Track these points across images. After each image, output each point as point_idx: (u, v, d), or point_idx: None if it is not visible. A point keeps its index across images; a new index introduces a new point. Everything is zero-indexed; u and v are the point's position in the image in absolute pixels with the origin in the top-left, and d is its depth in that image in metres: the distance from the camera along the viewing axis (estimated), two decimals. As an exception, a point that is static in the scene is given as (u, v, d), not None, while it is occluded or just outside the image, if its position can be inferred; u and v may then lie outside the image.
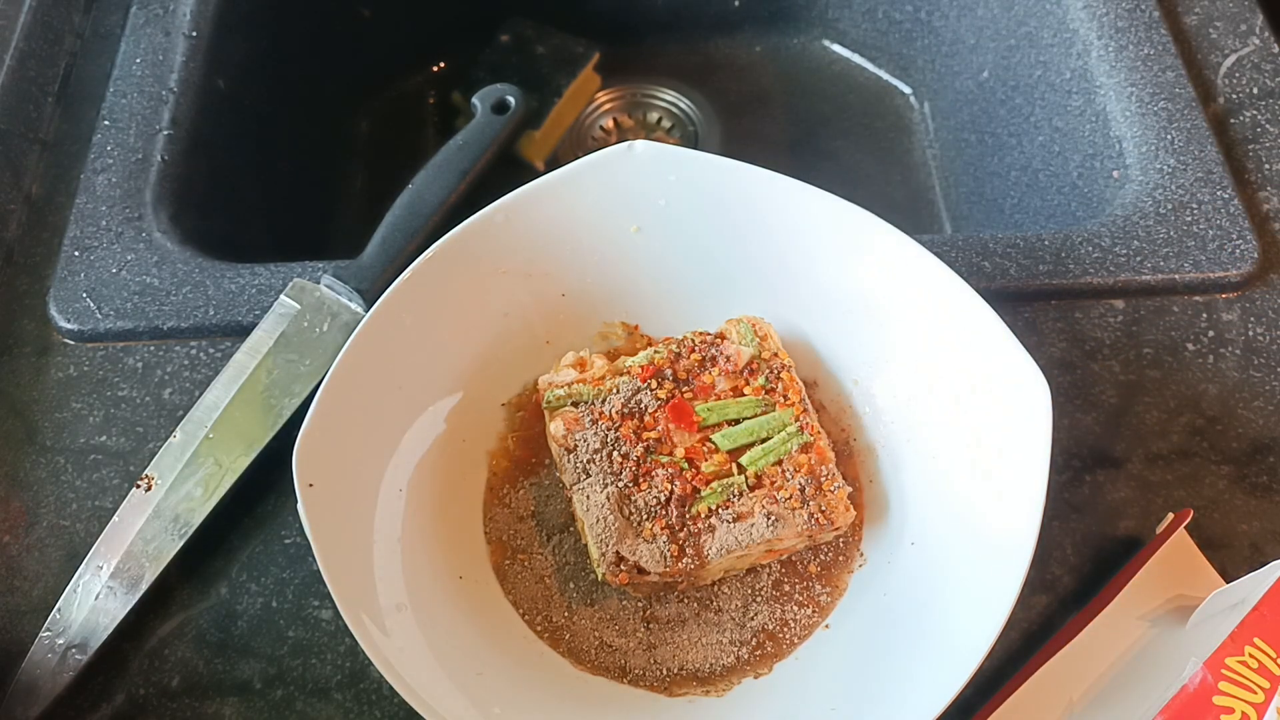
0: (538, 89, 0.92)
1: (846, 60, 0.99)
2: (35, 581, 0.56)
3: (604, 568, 0.50)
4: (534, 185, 0.56)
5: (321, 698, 0.52)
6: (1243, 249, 0.64)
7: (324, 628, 0.54)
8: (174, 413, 0.60)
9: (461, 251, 0.55)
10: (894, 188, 0.94)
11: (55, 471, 0.59)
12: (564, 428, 0.53)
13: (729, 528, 0.50)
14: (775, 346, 0.56)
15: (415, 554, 0.52)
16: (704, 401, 0.54)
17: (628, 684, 0.52)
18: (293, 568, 0.56)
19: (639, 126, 0.97)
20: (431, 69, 0.99)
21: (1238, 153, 0.69)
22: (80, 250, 0.66)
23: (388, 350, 0.53)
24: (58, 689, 0.51)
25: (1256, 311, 0.63)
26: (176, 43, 0.75)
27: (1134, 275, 0.63)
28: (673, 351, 0.55)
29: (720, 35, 1.00)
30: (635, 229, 0.58)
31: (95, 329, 0.63)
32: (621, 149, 0.56)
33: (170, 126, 0.71)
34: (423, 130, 0.97)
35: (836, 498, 0.51)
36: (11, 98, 0.72)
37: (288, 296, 0.61)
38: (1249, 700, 0.46)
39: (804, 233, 0.56)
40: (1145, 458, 0.58)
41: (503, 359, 0.58)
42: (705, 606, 0.54)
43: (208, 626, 0.54)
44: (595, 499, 0.51)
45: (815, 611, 0.53)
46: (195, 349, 0.62)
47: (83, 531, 0.57)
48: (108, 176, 0.69)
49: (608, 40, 0.96)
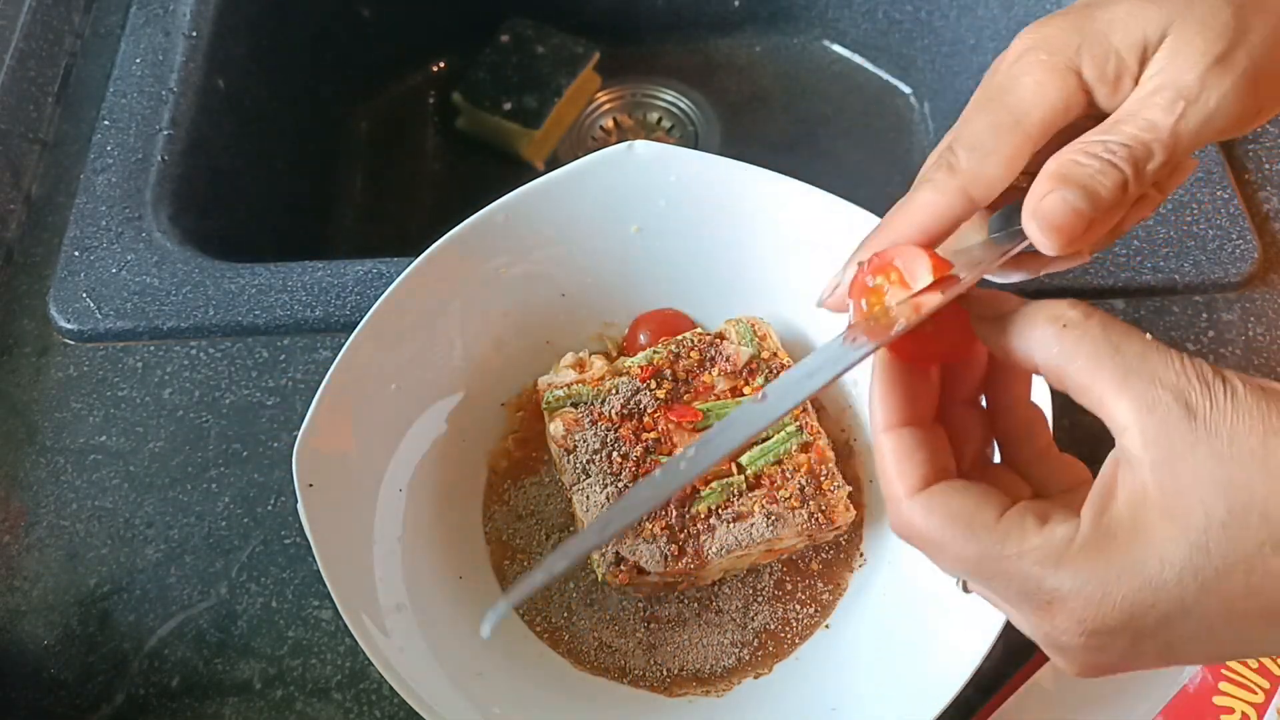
0: (538, 89, 0.92)
1: (846, 60, 0.99)
2: (35, 581, 0.56)
3: (604, 568, 0.50)
4: (534, 185, 0.56)
5: (321, 698, 0.52)
6: (1243, 249, 0.64)
7: (324, 628, 0.54)
8: (174, 413, 0.60)
9: (461, 251, 0.55)
10: (894, 188, 0.93)
11: (55, 471, 0.59)
12: (563, 428, 0.53)
13: (729, 528, 0.50)
14: (774, 346, 0.56)
15: (415, 554, 0.52)
16: (703, 401, 0.54)
17: (628, 684, 0.52)
18: (293, 568, 0.56)
19: (639, 126, 0.97)
20: (431, 69, 0.99)
21: (1238, 153, 0.69)
22: (80, 250, 0.66)
23: (388, 350, 0.53)
24: None
25: (1256, 311, 0.63)
26: (176, 43, 0.75)
27: (1134, 275, 0.63)
28: (672, 352, 0.55)
29: (720, 35, 1.00)
30: (635, 229, 0.58)
31: (95, 329, 0.62)
32: (621, 149, 0.56)
33: (170, 126, 0.71)
34: (423, 130, 0.97)
35: (836, 497, 0.51)
36: (11, 98, 0.72)
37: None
38: (1249, 700, 0.46)
39: (804, 233, 0.56)
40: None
41: (503, 359, 0.58)
42: (706, 607, 0.54)
43: (208, 626, 0.54)
44: (595, 499, 0.51)
45: (817, 610, 0.53)
46: (195, 349, 0.62)
47: (83, 531, 0.57)
48: (108, 176, 0.69)
49: (608, 40, 0.96)
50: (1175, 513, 0.27)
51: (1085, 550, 0.28)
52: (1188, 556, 0.27)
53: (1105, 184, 0.32)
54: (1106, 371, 0.29)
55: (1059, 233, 0.32)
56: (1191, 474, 0.27)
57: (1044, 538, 0.29)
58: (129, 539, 0.57)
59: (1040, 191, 0.32)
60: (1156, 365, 0.28)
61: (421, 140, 0.97)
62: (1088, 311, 0.30)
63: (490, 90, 0.92)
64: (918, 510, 0.31)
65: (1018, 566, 0.29)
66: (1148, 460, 0.27)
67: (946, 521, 0.30)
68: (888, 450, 0.32)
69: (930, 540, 0.31)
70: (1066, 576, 0.28)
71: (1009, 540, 0.29)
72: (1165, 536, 0.27)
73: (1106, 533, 0.28)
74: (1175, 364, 0.28)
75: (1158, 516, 0.27)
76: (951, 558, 0.31)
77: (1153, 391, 0.28)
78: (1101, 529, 0.28)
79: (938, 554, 0.31)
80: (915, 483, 0.31)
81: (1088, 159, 0.32)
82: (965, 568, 0.30)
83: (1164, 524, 0.27)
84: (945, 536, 0.30)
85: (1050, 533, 0.29)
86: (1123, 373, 0.28)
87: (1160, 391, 0.28)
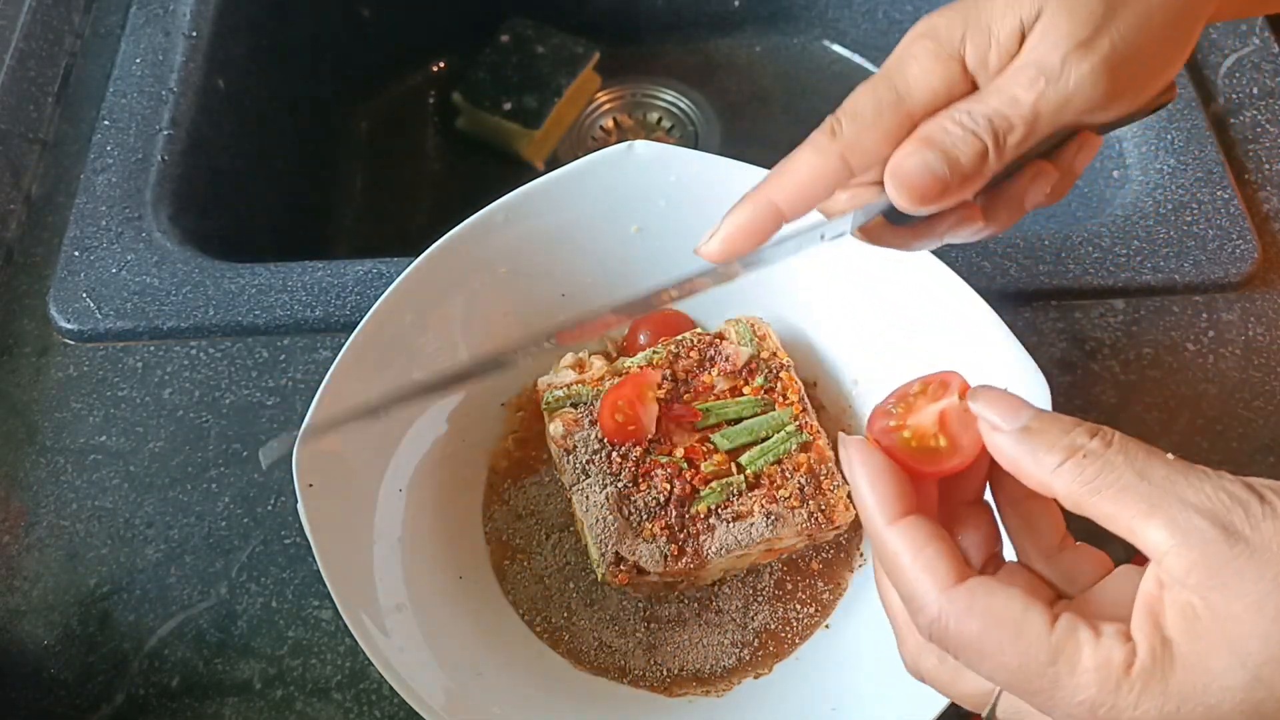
0: (538, 89, 0.92)
1: (846, 60, 0.99)
2: (35, 581, 0.56)
3: (604, 568, 0.50)
4: (534, 185, 0.56)
5: (321, 698, 0.52)
6: (1243, 249, 0.64)
7: (324, 628, 0.54)
8: (174, 413, 0.60)
9: (461, 251, 0.55)
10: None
11: (55, 471, 0.59)
12: (563, 428, 0.53)
13: (728, 527, 0.50)
14: (774, 346, 0.56)
15: (415, 554, 0.52)
16: (703, 401, 0.54)
17: (628, 684, 0.52)
18: (293, 568, 0.56)
19: (639, 126, 0.97)
20: (431, 69, 0.99)
21: (1238, 153, 0.69)
22: (80, 250, 0.66)
23: (388, 350, 0.53)
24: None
25: (1256, 311, 0.63)
26: (176, 43, 0.75)
27: (1134, 275, 0.63)
28: (671, 352, 0.55)
29: (720, 35, 1.00)
30: (635, 229, 0.58)
31: (95, 329, 0.62)
32: (621, 149, 0.56)
33: (170, 126, 0.71)
34: (423, 130, 0.97)
35: (836, 496, 0.51)
36: (11, 98, 0.72)
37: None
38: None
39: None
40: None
41: (503, 359, 0.58)
42: (706, 607, 0.54)
43: (208, 626, 0.54)
44: (594, 499, 0.51)
45: (818, 610, 0.53)
46: (195, 349, 0.62)
47: (83, 531, 0.57)
48: (108, 176, 0.69)
49: (608, 40, 0.96)
50: (1231, 640, 0.26)
51: (1146, 675, 0.27)
52: (1248, 688, 0.26)
53: (965, 151, 0.34)
54: (1133, 502, 0.28)
55: (913, 191, 0.34)
56: (1240, 601, 0.26)
57: (1102, 657, 0.27)
58: (129, 539, 0.57)
59: (905, 151, 0.35)
60: (1185, 490, 0.27)
61: (421, 140, 0.97)
62: (1106, 438, 0.29)
63: (490, 90, 0.92)
64: (957, 609, 0.29)
65: (1072, 684, 0.27)
66: (1192, 584, 0.27)
67: (991, 625, 0.28)
68: (903, 544, 0.30)
69: (968, 645, 0.29)
70: (1126, 704, 0.27)
71: (1063, 655, 0.28)
72: (1224, 666, 0.26)
73: (1166, 658, 0.27)
74: (1205, 487, 0.27)
75: (1214, 644, 0.26)
76: (994, 666, 0.28)
77: (1186, 517, 0.27)
78: (1160, 653, 0.27)
79: (977, 660, 0.29)
80: (946, 577, 0.29)
81: (953, 125, 0.34)
82: (1009, 678, 0.28)
83: (1221, 652, 0.26)
84: (989, 642, 0.28)
85: (1109, 651, 0.27)
86: (1150, 503, 0.27)
87: (1195, 518, 0.27)
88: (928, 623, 0.29)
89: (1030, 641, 0.28)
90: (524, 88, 0.92)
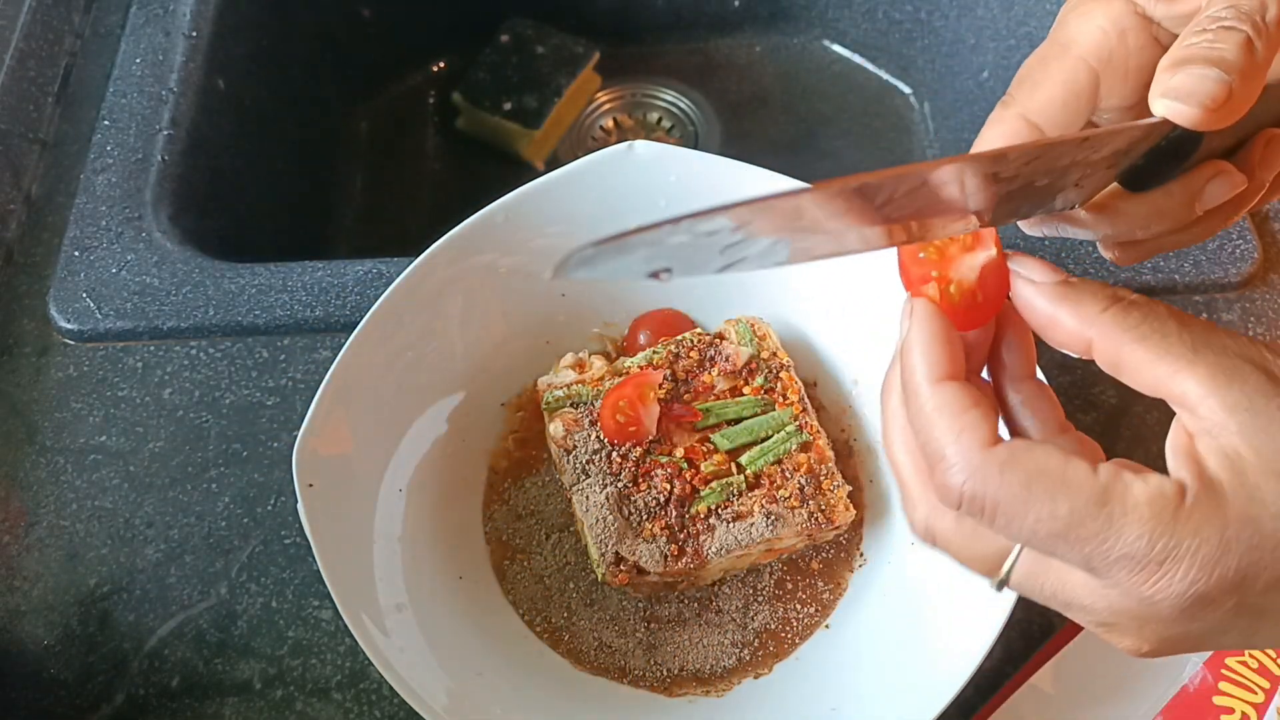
0: (538, 89, 0.92)
1: (846, 60, 0.99)
2: (35, 581, 0.56)
3: (604, 568, 0.50)
4: (534, 185, 0.56)
5: (321, 698, 0.52)
6: (1243, 249, 0.64)
7: (324, 628, 0.54)
8: (174, 413, 0.60)
9: (461, 251, 0.55)
10: (894, 188, 0.94)
11: (55, 471, 0.59)
12: (563, 429, 0.53)
13: (728, 527, 0.50)
14: (774, 346, 0.56)
15: (415, 554, 0.52)
16: (703, 401, 0.54)
17: (628, 684, 0.52)
18: (293, 568, 0.56)
19: (639, 126, 0.97)
20: (431, 69, 0.99)
21: (1238, 153, 0.69)
22: (80, 250, 0.66)
23: (388, 350, 0.53)
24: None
25: (1256, 311, 0.63)
26: (176, 43, 0.75)
27: (1134, 275, 0.63)
28: (671, 352, 0.55)
29: (720, 35, 1.00)
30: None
31: (95, 329, 0.62)
32: (621, 149, 0.56)
33: (170, 126, 0.71)
34: (423, 130, 0.97)
35: (836, 496, 0.51)
36: (11, 98, 0.72)
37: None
38: (1249, 700, 0.46)
39: (804, 233, 0.56)
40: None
41: (503, 359, 0.58)
42: (706, 607, 0.54)
43: (208, 626, 0.54)
44: (594, 499, 0.51)
45: (818, 610, 0.53)
46: (195, 349, 0.62)
47: (83, 531, 0.57)
48: (108, 176, 0.69)
49: (608, 40, 0.96)
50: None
51: (1203, 505, 0.26)
52: None
53: (1227, 47, 0.29)
54: (1175, 347, 0.28)
55: (1191, 97, 0.29)
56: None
57: (1154, 490, 0.27)
58: (129, 539, 0.57)
59: (1164, 75, 0.30)
60: (1225, 340, 0.28)
61: (421, 140, 0.97)
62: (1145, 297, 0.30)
63: (490, 90, 0.92)
64: (1000, 462, 0.28)
65: (1123, 523, 0.27)
66: (1234, 425, 0.27)
67: (1036, 475, 0.28)
68: (946, 402, 0.30)
69: (1011, 499, 0.28)
70: (1186, 533, 0.26)
71: (1114, 495, 0.27)
72: (1276, 494, 0.26)
73: (1217, 490, 0.27)
74: (1241, 339, 0.28)
75: (1263, 476, 0.26)
76: (1040, 516, 0.28)
77: (1228, 361, 0.27)
78: (1210, 487, 0.27)
79: (1014, 520, 0.28)
80: (986, 435, 0.29)
81: (1197, 37, 0.30)
82: (1057, 528, 0.27)
83: (1272, 482, 0.26)
84: (1037, 492, 0.28)
85: (1160, 485, 0.27)
86: (1194, 349, 0.28)
87: (1237, 361, 0.27)
88: (963, 480, 0.29)
89: (1078, 487, 0.27)
90: (524, 88, 0.92)
